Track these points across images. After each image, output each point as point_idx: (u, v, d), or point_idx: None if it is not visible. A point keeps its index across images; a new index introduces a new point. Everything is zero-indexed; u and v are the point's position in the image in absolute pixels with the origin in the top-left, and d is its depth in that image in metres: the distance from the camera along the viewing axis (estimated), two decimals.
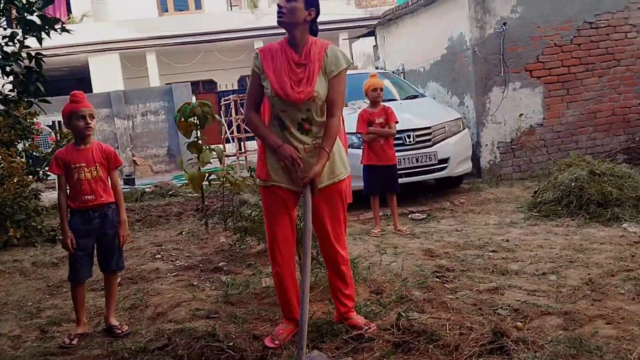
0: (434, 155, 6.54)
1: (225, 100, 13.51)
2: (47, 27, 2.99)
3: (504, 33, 7.83)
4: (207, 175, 6.06)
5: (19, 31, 3.16)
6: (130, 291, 4.39)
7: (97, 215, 3.52)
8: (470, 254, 4.57)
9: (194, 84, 18.85)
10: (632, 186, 5.50)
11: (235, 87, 18.31)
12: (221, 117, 13.71)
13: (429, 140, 6.59)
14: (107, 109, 14.86)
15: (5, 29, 3.23)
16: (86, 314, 3.73)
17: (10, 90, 3.19)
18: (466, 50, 8.07)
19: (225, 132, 13.10)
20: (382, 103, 5.79)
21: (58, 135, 10.32)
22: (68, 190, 3.55)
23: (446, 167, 6.68)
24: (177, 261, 5.23)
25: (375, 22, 12.06)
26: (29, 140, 8.05)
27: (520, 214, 5.86)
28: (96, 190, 3.52)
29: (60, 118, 13.23)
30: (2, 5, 2.90)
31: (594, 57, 8.28)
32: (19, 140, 7.40)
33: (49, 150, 10.20)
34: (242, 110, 13.03)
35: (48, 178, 9.85)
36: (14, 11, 3.17)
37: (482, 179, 7.90)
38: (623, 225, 4.98)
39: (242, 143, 13.71)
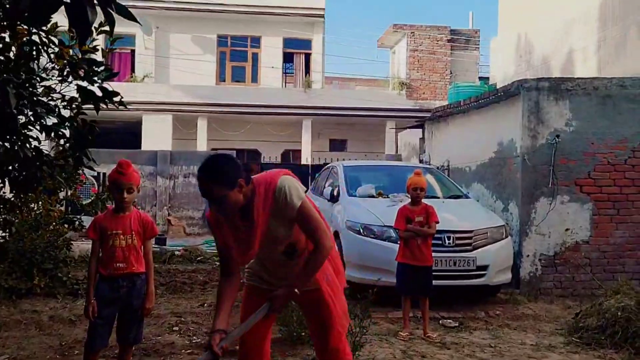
0: (473, 260, 6.28)
1: None
2: (106, 99, 3.02)
3: (557, 145, 7.68)
4: None
5: (79, 98, 3.20)
6: None
7: (125, 284, 3.43)
8: None
9: (239, 152, 19.19)
10: None
11: (279, 161, 18.55)
12: None
13: (469, 244, 6.35)
14: (151, 167, 15.14)
15: (63, 96, 3.27)
16: None
17: (59, 152, 3.21)
18: (515, 157, 7.94)
19: None
20: (424, 200, 5.67)
21: (101, 188, 10.53)
22: (100, 255, 3.49)
23: (485, 274, 6.38)
24: (195, 337, 5.04)
25: (423, 114, 12.17)
26: (72, 188, 8.17)
27: (559, 337, 5.48)
28: (129, 258, 3.45)
29: (106, 170, 13.56)
30: (65, 72, 2.95)
31: None
32: (62, 189, 7.51)
33: (89, 201, 10.35)
34: None
35: (83, 229, 9.95)
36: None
37: (521, 290, 7.53)
38: None
39: None
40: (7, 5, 2.46)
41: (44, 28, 2.68)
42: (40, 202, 7.04)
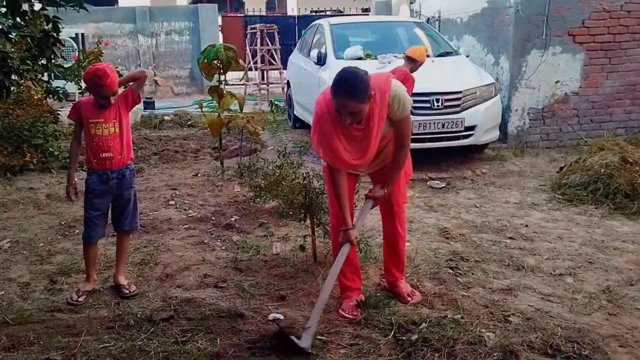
0: (461, 122, 6.28)
1: (251, 29, 13.11)
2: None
3: None
4: (226, 122, 5.92)
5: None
6: (141, 242, 4.39)
7: (115, 176, 3.45)
8: (487, 238, 4.47)
9: (222, 1, 18.28)
10: None
11: (263, 12, 17.76)
12: (246, 46, 13.38)
13: (458, 105, 6.29)
14: (131, 25, 14.50)
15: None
16: (96, 267, 3.73)
17: (25, 51, 3.02)
18: (509, 7, 7.60)
19: (249, 62, 12.79)
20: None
21: (80, 54, 10.14)
22: (84, 143, 3.49)
23: (472, 134, 6.43)
24: (190, 210, 5.19)
25: None
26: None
27: (542, 194, 5.69)
28: (113, 147, 3.43)
29: (84, 31, 12.96)
30: None
31: None
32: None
33: (69, 65, 10.02)
34: (267, 41, 12.68)
35: (67, 97, 9.76)
36: None
37: (508, 145, 7.66)
38: None
39: (265, 74, 13.43)
40: None
41: None
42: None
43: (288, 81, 9.80)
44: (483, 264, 3.97)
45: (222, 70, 5.75)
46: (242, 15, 16.79)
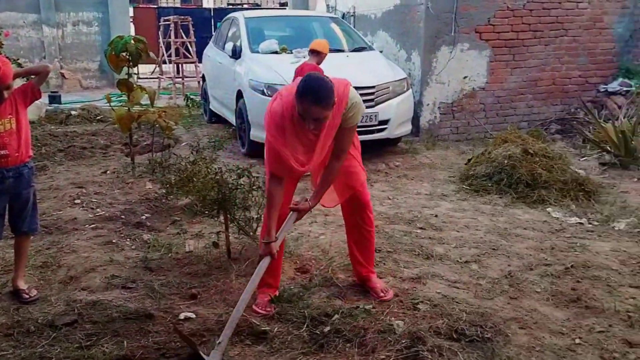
0: (375, 116, 6.40)
1: (165, 21, 12.73)
2: None
3: None
4: (137, 116, 5.71)
5: None
6: (43, 244, 4.16)
7: (11, 174, 3.24)
8: (399, 229, 4.59)
9: None
10: (560, 169, 5.62)
11: (178, 3, 17.31)
12: (159, 38, 12.99)
13: (372, 100, 6.41)
14: (35, 15, 13.65)
15: None
16: None
17: None
18: (419, 4, 7.83)
19: (163, 55, 12.43)
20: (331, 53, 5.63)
21: None
22: None
23: (386, 128, 6.57)
24: (98, 209, 4.97)
25: None
26: None
27: (451, 185, 5.91)
28: (10, 144, 3.22)
29: None
30: None
31: (543, 24, 8.25)
32: None
33: None
34: (181, 33, 12.38)
35: None
36: None
37: (420, 138, 7.90)
38: (547, 209, 5.10)
39: (180, 67, 13.09)
40: None
41: None
42: None
43: (203, 75, 9.61)
44: (394, 254, 4.07)
45: (131, 63, 5.53)
46: (155, 6, 16.28)
